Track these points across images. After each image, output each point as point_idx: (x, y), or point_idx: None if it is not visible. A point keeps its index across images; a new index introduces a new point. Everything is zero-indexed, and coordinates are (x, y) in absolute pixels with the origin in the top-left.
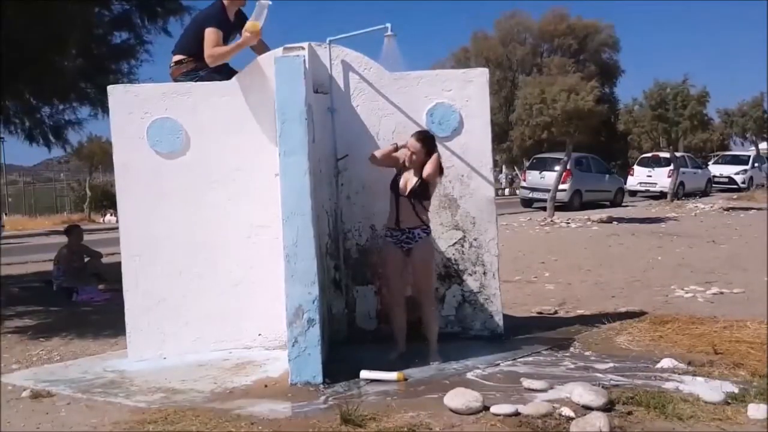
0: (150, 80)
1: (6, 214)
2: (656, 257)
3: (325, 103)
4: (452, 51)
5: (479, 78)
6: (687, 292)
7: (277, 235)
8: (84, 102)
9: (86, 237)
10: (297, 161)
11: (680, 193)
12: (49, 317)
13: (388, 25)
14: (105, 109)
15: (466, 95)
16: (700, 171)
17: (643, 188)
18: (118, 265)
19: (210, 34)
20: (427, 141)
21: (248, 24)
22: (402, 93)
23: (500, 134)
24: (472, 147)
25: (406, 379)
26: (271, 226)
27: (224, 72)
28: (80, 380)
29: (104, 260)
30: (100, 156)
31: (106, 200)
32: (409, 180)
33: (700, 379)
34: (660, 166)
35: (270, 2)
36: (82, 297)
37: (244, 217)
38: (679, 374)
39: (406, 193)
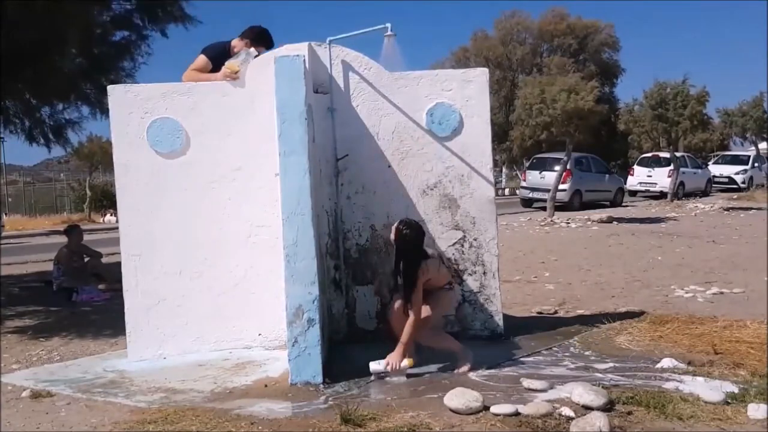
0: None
1: (6, 214)
2: (656, 257)
3: (325, 102)
4: (452, 51)
5: (479, 78)
6: (687, 292)
7: (277, 235)
8: (84, 102)
9: (86, 237)
10: (297, 161)
11: (680, 193)
12: (49, 317)
13: (388, 24)
14: (104, 109)
15: (466, 95)
16: (700, 171)
17: (643, 188)
18: (118, 265)
19: (199, 59)
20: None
21: (229, 62)
22: (402, 93)
23: (500, 134)
24: (472, 147)
25: (413, 367)
26: (271, 226)
27: None
28: (80, 380)
29: (104, 260)
30: (100, 156)
31: (106, 200)
32: None
33: (700, 379)
34: (660, 166)
35: (256, 53)
36: (82, 297)
37: (244, 217)
38: (679, 374)
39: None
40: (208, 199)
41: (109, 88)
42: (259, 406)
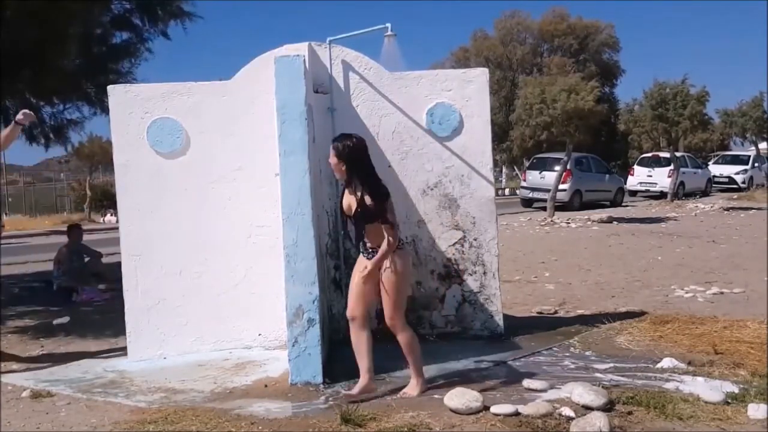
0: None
1: (6, 214)
2: (656, 257)
3: (325, 102)
4: (452, 51)
5: (479, 78)
6: (687, 292)
7: (277, 235)
8: (84, 101)
9: (86, 237)
10: (297, 161)
11: (680, 193)
12: (50, 317)
13: (388, 24)
14: (104, 109)
15: (466, 95)
16: (700, 171)
17: (643, 188)
18: (118, 265)
19: None
20: (339, 152)
21: None
22: (402, 93)
23: (500, 134)
24: (472, 147)
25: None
26: (271, 226)
27: None
28: (80, 380)
29: (104, 260)
30: (100, 156)
31: (107, 200)
32: (351, 201)
33: (700, 379)
34: (660, 165)
35: None
36: (82, 297)
37: (244, 217)
38: (679, 374)
39: (352, 215)
40: (208, 199)
41: (110, 88)
42: (259, 406)
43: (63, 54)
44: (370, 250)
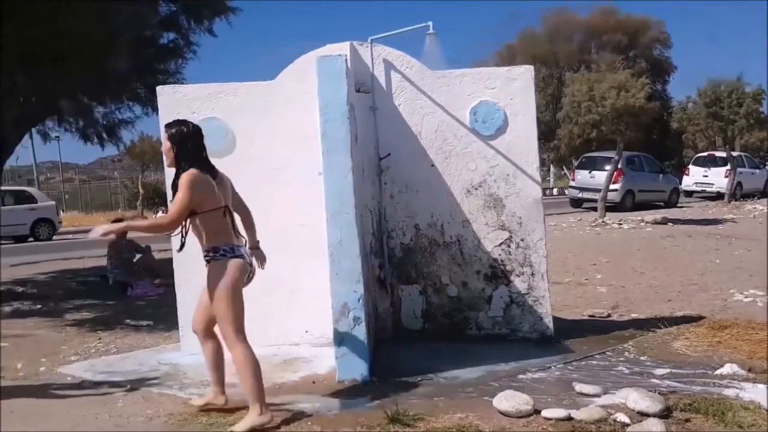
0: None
1: (63, 211)
2: (713, 260)
3: (367, 102)
4: (497, 50)
5: (524, 75)
6: (746, 297)
7: (320, 233)
8: (136, 101)
9: (142, 233)
10: (340, 160)
11: (738, 193)
12: (106, 311)
13: (430, 23)
14: (155, 108)
15: (511, 93)
16: (758, 171)
17: (699, 188)
18: (171, 260)
19: None
20: (171, 137)
21: None
22: (444, 91)
23: (547, 133)
24: (517, 146)
25: None
26: (315, 224)
27: None
28: (136, 372)
29: (158, 256)
30: (150, 155)
31: (158, 198)
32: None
33: (761, 386)
34: (716, 165)
35: None
36: (136, 291)
37: (288, 215)
38: (739, 381)
39: None
40: (253, 197)
41: (158, 88)
42: (307, 401)
43: (118, 56)
44: (204, 253)
